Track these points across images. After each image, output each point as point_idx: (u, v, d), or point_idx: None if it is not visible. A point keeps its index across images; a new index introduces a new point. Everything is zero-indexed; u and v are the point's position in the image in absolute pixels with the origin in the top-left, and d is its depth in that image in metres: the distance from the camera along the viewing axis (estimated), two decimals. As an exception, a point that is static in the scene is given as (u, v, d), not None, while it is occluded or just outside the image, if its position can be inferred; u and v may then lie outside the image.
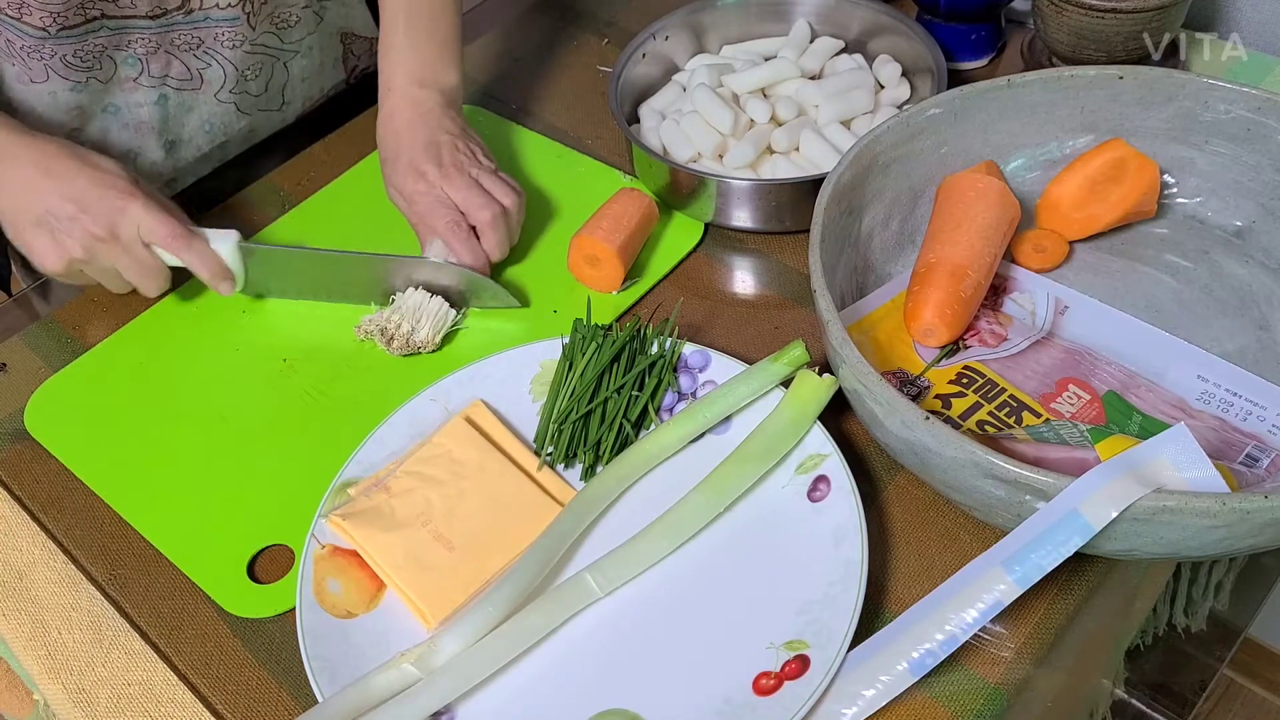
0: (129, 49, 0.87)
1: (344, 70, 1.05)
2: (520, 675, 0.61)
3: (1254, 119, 0.71)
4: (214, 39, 0.90)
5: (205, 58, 0.91)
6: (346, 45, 1.04)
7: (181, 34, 0.88)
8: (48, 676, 0.65)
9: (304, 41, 0.98)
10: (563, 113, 0.99)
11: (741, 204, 0.82)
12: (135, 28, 0.86)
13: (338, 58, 1.03)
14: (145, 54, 0.88)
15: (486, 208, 0.80)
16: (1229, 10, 0.99)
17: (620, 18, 1.09)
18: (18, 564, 0.71)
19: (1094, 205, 0.75)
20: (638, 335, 0.74)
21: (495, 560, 0.65)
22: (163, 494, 0.73)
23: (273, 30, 0.94)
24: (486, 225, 0.80)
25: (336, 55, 1.03)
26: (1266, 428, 0.65)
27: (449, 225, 0.79)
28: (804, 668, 0.58)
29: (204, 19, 0.88)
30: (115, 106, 0.90)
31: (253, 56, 0.94)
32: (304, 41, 0.98)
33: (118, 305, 0.86)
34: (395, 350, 0.78)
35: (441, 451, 0.69)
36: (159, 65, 0.89)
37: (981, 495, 0.57)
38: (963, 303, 0.69)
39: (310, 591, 0.63)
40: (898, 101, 0.90)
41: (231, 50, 0.91)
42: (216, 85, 0.93)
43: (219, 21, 0.89)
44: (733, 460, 0.65)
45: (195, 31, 0.89)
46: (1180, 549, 0.54)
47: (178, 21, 0.87)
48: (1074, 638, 0.64)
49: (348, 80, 1.06)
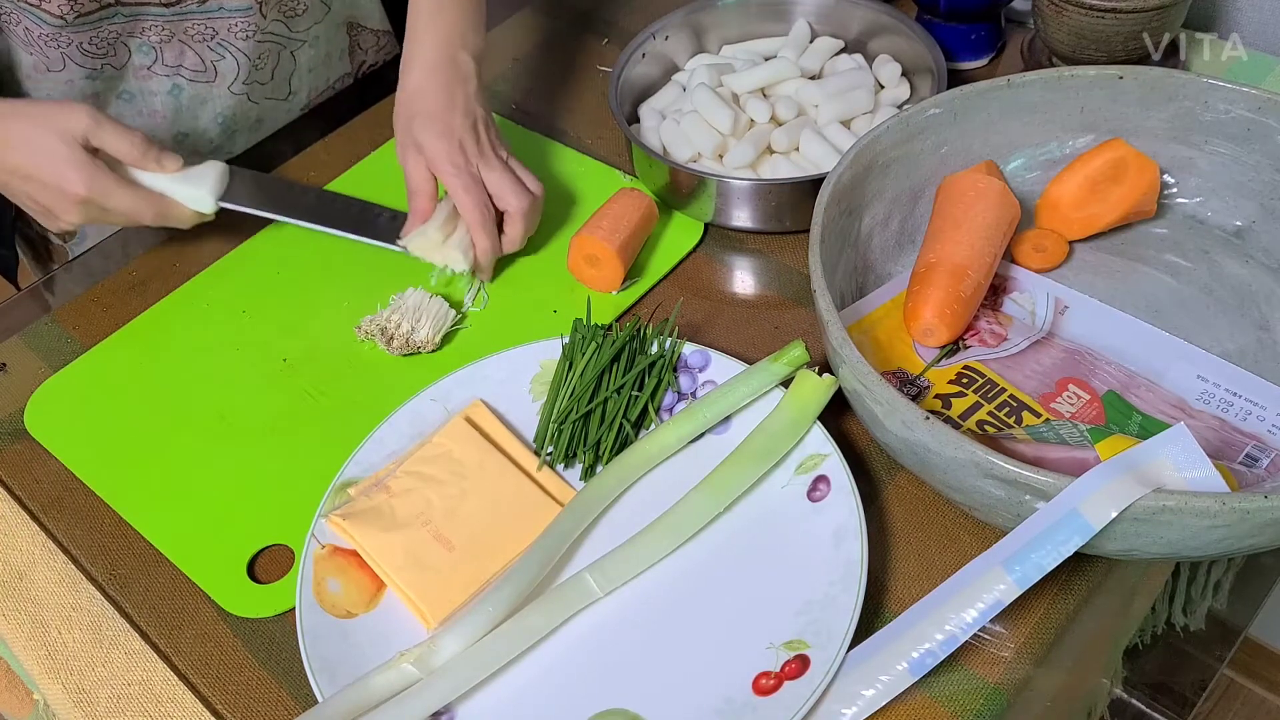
0: (143, 36, 0.88)
1: (350, 64, 1.06)
2: (520, 675, 0.61)
3: (1254, 119, 0.71)
4: (227, 30, 0.91)
5: (219, 49, 0.91)
6: (353, 37, 1.04)
7: (195, 23, 0.89)
8: (48, 676, 0.65)
9: (311, 31, 0.99)
10: (563, 113, 0.99)
11: (741, 204, 0.82)
12: (149, 15, 0.87)
13: (344, 49, 1.04)
14: (159, 42, 0.89)
15: (522, 196, 0.79)
16: (1229, 10, 0.99)
17: (620, 18, 1.09)
18: (18, 564, 0.71)
19: (1094, 205, 0.75)
20: (638, 335, 0.74)
21: (495, 560, 0.65)
22: (163, 494, 0.73)
23: (281, 19, 0.95)
24: (517, 214, 0.79)
25: (343, 47, 1.04)
26: (1266, 428, 0.65)
27: (478, 207, 0.78)
28: (804, 667, 0.58)
29: (218, 9, 0.89)
30: (129, 94, 0.91)
31: (263, 45, 0.95)
32: (311, 31, 0.99)
33: (117, 305, 0.86)
34: (395, 350, 0.78)
35: (441, 451, 0.69)
36: (173, 54, 0.90)
37: (981, 495, 0.57)
38: (962, 303, 0.69)
39: (310, 591, 0.63)
40: (898, 101, 0.90)
41: (244, 41, 0.92)
42: (230, 78, 0.94)
43: (232, 12, 0.90)
44: (733, 460, 0.65)
45: (209, 22, 0.90)
46: (1180, 549, 0.54)
47: (191, 11, 0.88)
48: (1073, 637, 0.64)
49: (355, 75, 1.06)
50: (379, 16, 1.06)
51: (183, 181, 0.81)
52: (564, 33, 1.09)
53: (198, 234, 0.91)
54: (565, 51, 1.07)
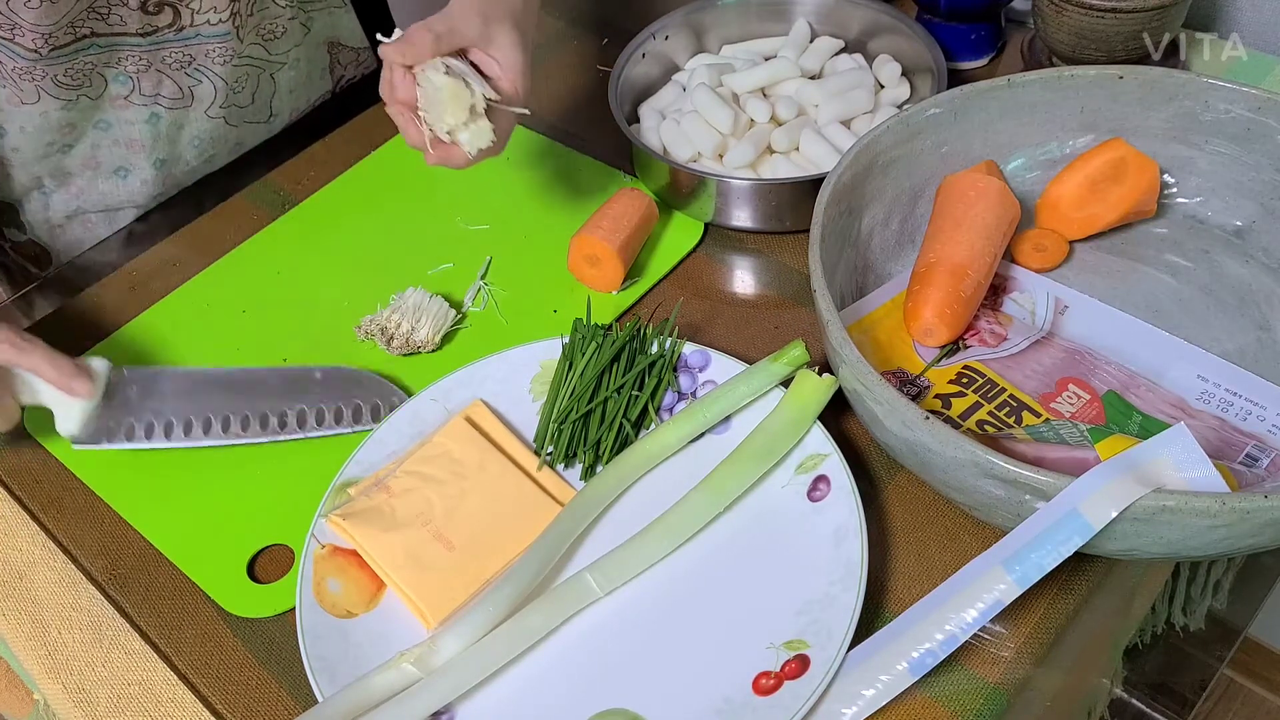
0: (119, 66, 0.87)
1: (330, 81, 1.04)
2: (520, 675, 0.61)
3: (1254, 118, 0.71)
4: (204, 55, 0.89)
5: (196, 74, 0.90)
6: (333, 55, 1.03)
7: (172, 51, 0.88)
8: (48, 676, 0.65)
9: (291, 53, 0.97)
10: (563, 113, 0.99)
11: (741, 204, 0.82)
12: (126, 45, 0.86)
13: (325, 68, 1.03)
14: (136, 72, 0.88)
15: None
16: (1229, 10, 0.99)
17: (620, 18, 1.09)
18: (18, 564, 0.71)
19: (1094, 205, 0.75)
20: (638, 335, 0.74)
21: (495, 560, 0.65)
22: (163, 494, 0.73)
23: (259, 42, 0.93)
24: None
25: (323, 65, 1.03)
26: (1266, 427, 0.65)
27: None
28: (804, 667, 0.58)
29: (194, 35, 0.88)
30: (106, 123, 0.90)
31: (240, 70, 0.93)
32: (291, 53, 0.97)
33: (117, 305, 0.86)
34: (395, 350, 0.78)
35: (441, 451, 0.69)
36: (150, 84, 0.89)
37: (981, 495, 0.57)
38: (963, 302, 0.69)
39: (310, 591, 0.63)
40: (898, 101, 0.90)
41: (221, 66, 0.91)
42: (206, 101, 0.93)
43: (209, 38, 0.89)
44: (733, 460, 0.65)
45: (186, 48, 0.88)
46: (1180, 549, 0.54)
47: (168, 39, 0.87)
48: (1073, 637, 0.64)
49: (334, 90, 1.05)
50: (359, 35, 1.05)
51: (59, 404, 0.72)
52: (564, 32, 1.09)
53: (198, 234, 0.91)
54: (565, 51, 1.07)
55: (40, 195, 0.94)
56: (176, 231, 0.92)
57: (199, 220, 0.93)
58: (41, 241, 0.97)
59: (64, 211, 0.95)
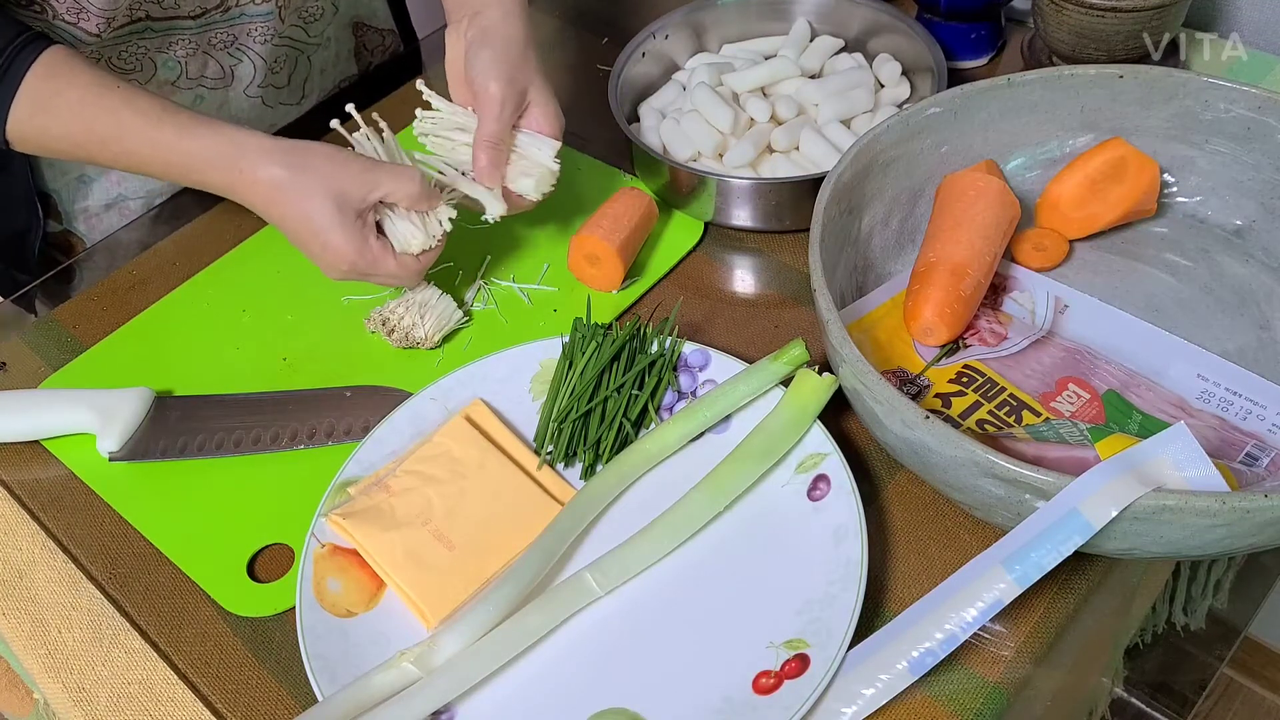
0: (169, 51, 0.89)
1: (356, 64, 1.06)
2: (520, 675, 0.61)
3: (1254, 118, 0.71)
4: (246, 35, 0.92)
5: (237, 54, 0.92)
6: (359, 37, 1.05)
7: (219, 32, 0.90)
8: (48, 676, 0.65)
9: (325, 33, 0.99)
10: (563, 112, 0.99)
11: (741, 203, 0.82)
12: (178, 29, 0.87)
13: (351, 49, 1.05)
14: (185, 56, 0.90)
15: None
16: (1229, 10, 0.99)
17: (620, 17, 1.09)
18: (18, 563, 0.71)
19: (1094, 204, 0.75)
20: (637, 334, 0.74)
21: (495, 560, 0.65)
22: (163, 494, 0.73)
23: (299, 24, 0.95)
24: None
25: (350, 47, 1.05)
26: (1266, 427, 0.65)
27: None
28: (804, 667, 0.58)
29: (240, 15, 0.90)
30: None
31: (279, 50, 0.95)
32: (325, 33, 0.99)
33: (117, 304, 0.86)
34: (395, 342, 0.78)
35: (441, 450, 0.69)
36: (196, 66, 0.91)
37: (981, 494, 0.57)
38: (962, 302, 0.69)
39: (310, 590, 0.63)
40: (898, 100, 0.90)
41: (262, 45, 0.93)
42: (246, 80, 0.95)
43: (254, 17, 0.91)
44: (733, 459, 0.65)
45: (231, 29, 0.90)
46: (1180, 548, 0.54)
47: (215, 21, 0.89)
48: (1074, 636, 0.64)
49: (360, 74, 1.07)
50: (384, 14, 1.07)
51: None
52: (563, 32, 1.09)
53: (198, 234, 0.91)
54: (565, 51, 1.07)
55: (81, 184, 0.94)
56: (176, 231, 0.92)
57: (197, 221, 0.93)
58: (78, 232, 0.98)
59: (104, 200, 0.96)
